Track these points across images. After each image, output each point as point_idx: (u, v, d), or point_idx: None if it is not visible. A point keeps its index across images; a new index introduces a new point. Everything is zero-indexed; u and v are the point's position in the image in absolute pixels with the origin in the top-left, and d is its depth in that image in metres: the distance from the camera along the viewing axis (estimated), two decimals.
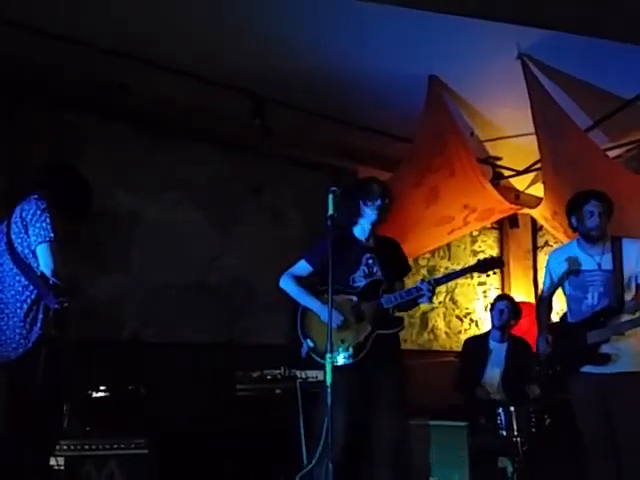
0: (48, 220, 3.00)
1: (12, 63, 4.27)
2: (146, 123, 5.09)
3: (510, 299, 5.21)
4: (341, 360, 3.26)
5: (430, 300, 3.43)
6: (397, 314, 3.47)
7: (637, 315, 3.48)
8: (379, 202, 3.47)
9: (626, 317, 3.49)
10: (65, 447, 3.48)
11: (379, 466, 3.31)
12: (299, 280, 3.55)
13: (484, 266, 3.51)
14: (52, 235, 2.97)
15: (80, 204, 3.29)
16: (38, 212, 3.01)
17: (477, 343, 5.11)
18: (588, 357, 3.52)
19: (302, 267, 3.59)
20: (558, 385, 3.78)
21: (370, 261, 3.49)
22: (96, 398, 3.81)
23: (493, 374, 4.79)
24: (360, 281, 3.45)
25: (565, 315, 3.79)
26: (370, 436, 3.34)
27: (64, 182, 3.24)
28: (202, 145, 5.40)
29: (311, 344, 3.37)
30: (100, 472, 3.54)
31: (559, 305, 4.05)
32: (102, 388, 3.84)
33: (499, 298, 5.24)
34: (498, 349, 4.90)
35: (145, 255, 5.04)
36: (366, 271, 3.46)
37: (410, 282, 6.11)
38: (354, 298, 3.41)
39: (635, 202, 4.85)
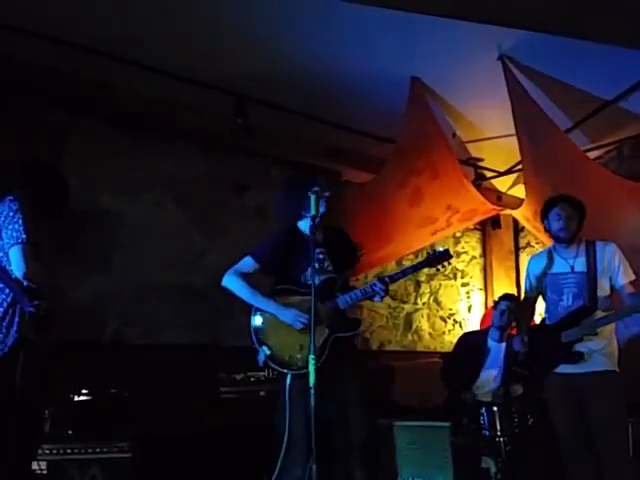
0: (21, 222, 2.95)
1: None
2: (129, 122, 5.07)
3: (514, 299, 5.07)
4: (301, 366, 3.13)
5: (382, 298, 3.34)
6: (354, 316, 3.39)
7: (610, 313, 3.52)
8: (327, 194, 3.33)
9: (600, 316, 3.53)
10: (47, 451, 3.45)
11: (349, 468, 3.24)
12: (246, 278, 3.40)
13: (434, 260, 3.41)
14: (24, 237, 2.93)
15: (56, 201, 3.24)
16: (11, 214, 2.97)
17: (475, 340, 5.01)
18: (562, 356, 3.56)
19: (247, 263, 3.42)
20: (538, 385, 3.81)
21: (321, 256, 3.36)
22: (78, 401, 3.77)
23: (489, 375, 4.75)
24: (310, 279, 3.20)
25: (544, 319, 3.84)
26: (337, 438, 3.26)
27: (38, 180, 3.19)
28: (185, 144, 5.39)
29: (268, 352, 3.23)
30: (83, 476, 3.51)
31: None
32: (84, 391, 3.81)
33: (502, 298, 5.09)
34: (496, 349, 4.84)
35: (127, 255, 5.01)
36: (318, 266, 3.30)
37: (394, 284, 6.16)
38: (308, 299, 3.17)
39: (614, 203, 4.90)
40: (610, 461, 3.39)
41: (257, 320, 3.33)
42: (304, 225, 3.40)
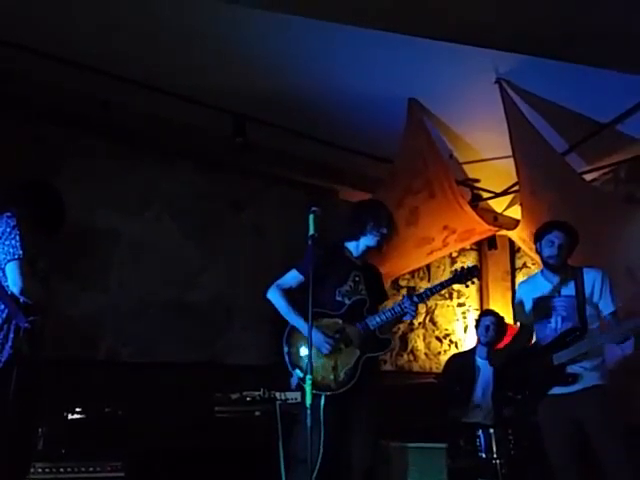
0: (17, 238, 2.96)
1: None
2: (127, 140, 5.08)
3: (496, 314, 5.16)
4: (335, 388, 3.22)
5: (413, 317, 3.42)
6: (384, 335, 3.43)
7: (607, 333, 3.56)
8: (385, 230, 3.47)
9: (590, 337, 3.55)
10: (40, 469, 3.41)
11: None
12: (288, 294, 3.45)
13: (462, 276, 3.50)
14: (21, 252, 2.93)
15: (52, 220, 3.25)
16: (8, 230, 2.98)
17: (463, 360, 5.03)
18: (554, 378, 3.58)
19: (293, 277, 3.48)
20: (531, 408, 3.81)
21: (357, 278, 3.48)
22: (72, 420, 3.74)
23: (484, 394, 4.75)
24: (344, 297, 3.41)
25: (534, 343, 3.85)
26: (345, 457, 3.31)
27: (35, 197, 3.21)
28: (183, 162, 5.40)
29: (301, 374, 3.26)
30: None
31: None
32: (78, 410, 3.77)
33: (484, 313, 5.18)
34: (485, 366, 4.86)
35: (124, 273, 4.99)
36: (352, 286, 3.44)
37: (390, 302, 6.15)
38: (339, 321, 3.37)
39: (610, 225, 4.93)
40: (615, 471, 3.37)
41: (290, 343, 3.35)
42: (351, 246, 3.54)
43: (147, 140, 5.12)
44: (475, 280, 3.57)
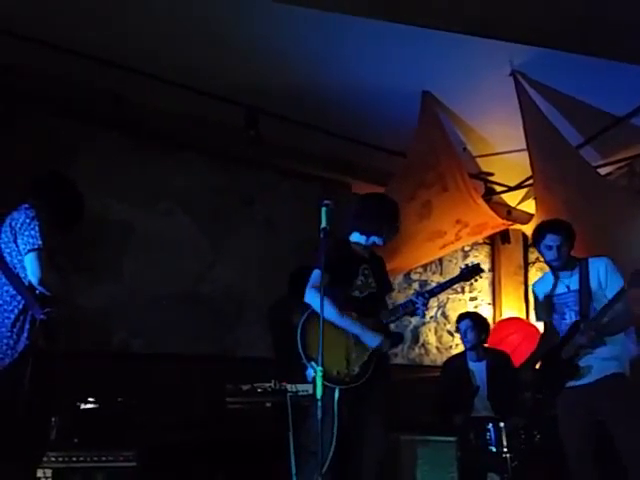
0: (37, 229, 2.97)
1: (10, 71, 4.28)
2: (140, 133, 5.10)
3: (471, 316, 5.08)
4: (349, 381, 3.24)
5: (424, 313, 3.44)
6: (396, 330, 3.49)
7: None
8: (396, 232, 3.57)
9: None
10: (53, 459, 3.44)
11: None
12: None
13: (467, 274, 3.59)
14: (40, 243, 2.94)
15: (70, 212, 3.27)
16: (27, 221, 2.99)
17: (456, 365, 4.99)
18: (565, 372, 3.60)
19: (320, 276, 3.38)
20: (549, 403, 3.81)
21: (366, 271, 3.50)
22: (84, 410, 3.77)
23: (480, 396, 4.69)
24: (356, 291, 3.43)
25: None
26: (356, 451, 3.32)
27: (52, 189, 3.22)
28: (196, 156, 5.41)
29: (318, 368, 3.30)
30: None
31: None
32: (90, 400, 3.80)
33: (460, 318, 5.08)
34: (477, 368, 4.84)
35: (136, 265, 5.02)
36: (363, 281, 3.46)
37: (402, 295, 6.16)
38: (353, 315, 3.37)
39: (624, 219, 4.89)
40: (634, 462, 3.36)
41: (303, 337, 3.35)
42: (356, 237, 3.56)
43: (160, 134, 5.14)
44: (482, 276, 3.65)
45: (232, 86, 4.65)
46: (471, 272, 3.59)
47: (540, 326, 6.39)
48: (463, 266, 3.65)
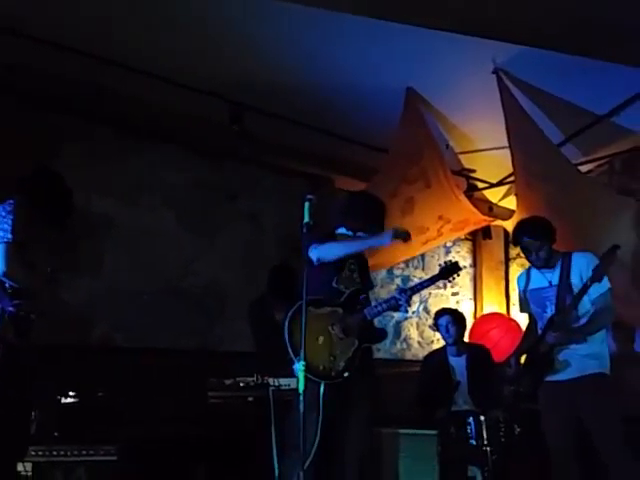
0: (10, 222, 2.99)
1: None
2: (123, 126, 5.06)
3: (449, 311, 5.14)
4: (334, 376, 3.25)
5: (406, 310, 3.48)
6: (380, 326, 3.51)
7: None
8: (381, 229, 3.54)
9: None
10: (33, 453, 3.42)
11: (347, 475, 3.33)
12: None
13: (446, 272, 3.63)
14: (10, 237, 2.96)
15: (56, 207, 3.26)
16: (3, 214, 3.01)
17: (437, 360, 5.03)
18: (542, 366, 3.65)
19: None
20: (528, 396, 3.86)
21: (352, 266, 3.51)
22: (65, 404, 3.76)
23: (461, 391, 4.73)
24: (341, 285, 3.44)
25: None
26: (339, 445, 3.35)
27: (41, 187, 3.22)
28: (179, 150, 5.39)
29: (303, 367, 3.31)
30: (68, 478, 3.49)
31: None
32: (71, 394, 3.79)
33: (439, 314, 5.11)
34: (458, 363, 4.88)
35: (119, 260, 5.00)
36: (349, 275, 3.48)
37: (384, 291, 6.18)
38: (339, 310, 3.39)
39: (604, 216, 4.95)
40: (611, 460, 3.43)
41: (290, 332, 3.32)
42: (343, 232, 3.55)
43: (145, 127, 5.11)
44: (460, 274, 3.71)
45: (217, 81, 4.63)
46: (449, 270, 3.62)
47: (522, 320, 6.49)
48: (442, 264, 3.67)
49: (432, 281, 3.61)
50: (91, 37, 4.14)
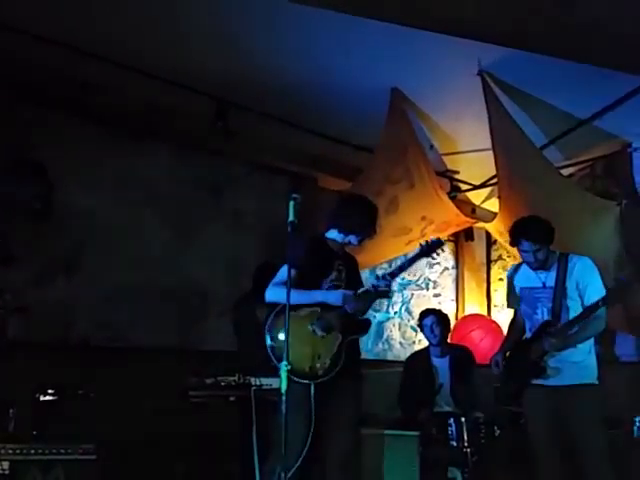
0: None
1: None
2: (107, 121, 5.01)
3: (434, 312, 5.15)
4: (322, 374, 3.23)
5: (389, 296, 3.47)
6: (363, 317, 3.46)
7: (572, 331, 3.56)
8: (372, 233, 3.53)
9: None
10: (10, 451, 3.36)
11: (331, 475, 3.32)
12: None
13: (428, 250, 3.53)
14: None
15: (35, 201, 3.22)
16: None
17: (419, 361, 5.04)
18: (532, 371, 3.62)
19: (285, 273, 3.38)
20: (512, 398, 3.87)
21: (340, 267, 3.50)
22: (44, 401, 3.70)
23: (444, 392, 4.75)
24: (329, 288, 3.42)
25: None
26: (322, 445, 3.33)
27: (19, 180, 3.18)
28: (163, 146, 5.35)
29: (288, 367, 3.12)
30: (45, 477, 3.44)
31: None
32: (50, 391, 3.74)
33: (424, 315, 5.13)
34: (441, 364, 4.90)
35: (100, 256, 4.94)
36: (337, 276, 3.46)
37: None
38: (317, 309, 3.36)
39: (584, 220, 4.99)
40: (593, 476, 3.44)
41: (271, 338, 3.31)
42: (332, 235, 3.54)
43: (127, 122, 5.06)
44: (440, 251, 3.65)
45: (201, 77, 4.61)
46: (431, 248, 3.52)
47: (503, 321, 6.54)
48: (423, 243, 3.56)
49: (411, 262, 3.54)
50: (74, 31, 4.09)
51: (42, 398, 3.72)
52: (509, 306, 4.03)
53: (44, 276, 4.62)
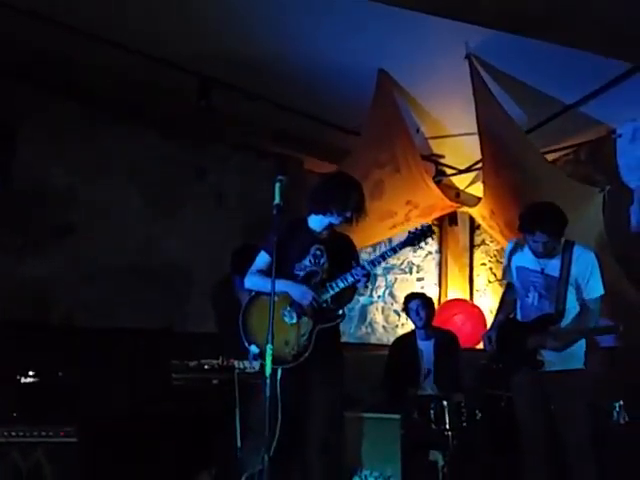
0: None
1: None
2: (90, 100, 4.93)
3: (420, 295, 5.19)
4: (290, 360, 3.23)
5: (366, 284, 3.40)
6: (336, 306, 3.41)
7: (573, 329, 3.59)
8: (348, 214, 3.40)
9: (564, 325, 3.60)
10: None
11: (310, 459, 3.33)
12: (263, 273, 3.41)
13: (416, 238, 3.47)
14: None
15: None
16: None
17: (406, 343, 5.08)
18: (526, 361, 3.64)
19: (262, 260, 3.45)
20: (497, 380, 3.89)
21: (318, 252, 3.44)
22: (24, 383, 3.67)
23: (428, 375, 4.78)
24: (302, 272, 3.40)
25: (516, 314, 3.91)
26: (303, 428, 3.33)
27: None
28: (147, 125, 5.28)
29: (257, 350, 3.26)
30: (26, 460, 3.42)
31: None
32: (31, 373, 3.70)
33: (409, 298, 5.15)
34: (426, 347, 4.93)
35: (82, 235, 4.90)
36: (312, 261, 3.41)
37: None
38: (289, 296, 3.34)
39: (569, 206, 4.99)
40: (575, 459, 3.48)
41: (245, 320, 3.34)
42: (313, 221, 3.47)
43: (111, 102, 4.99)
44: (430, 239, 3.52)
45: (186, 56, 4.53)
46: (420, 235, 3.46)
47: (485, 306, 6.58)
48: (412, 229, 3.49)
49: (397, 249, 3.48)
50: (61, 7, 4.00)
51: (23, 380, 3.69)
52: (504, 278, 4.01)
53: (26, 255, 4.56)
